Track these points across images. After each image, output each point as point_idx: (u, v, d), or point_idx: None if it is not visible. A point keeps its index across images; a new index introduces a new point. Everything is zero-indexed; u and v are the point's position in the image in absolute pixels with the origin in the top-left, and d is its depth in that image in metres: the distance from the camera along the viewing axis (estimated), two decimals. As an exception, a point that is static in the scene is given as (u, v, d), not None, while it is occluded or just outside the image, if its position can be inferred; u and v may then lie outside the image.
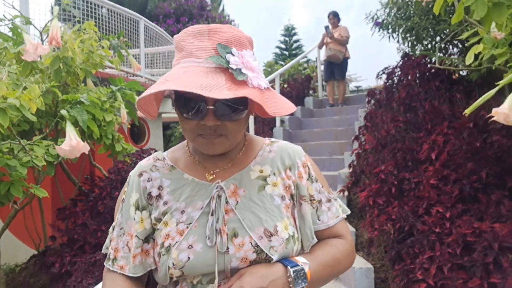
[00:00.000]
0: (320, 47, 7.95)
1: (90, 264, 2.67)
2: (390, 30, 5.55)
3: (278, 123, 6.33)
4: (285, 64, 9.04)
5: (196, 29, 0.89)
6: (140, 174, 1.01)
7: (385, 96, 4.69)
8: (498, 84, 1.68)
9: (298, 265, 0.89)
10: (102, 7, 6.47)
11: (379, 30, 5.70)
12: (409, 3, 5.19)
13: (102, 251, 1.04)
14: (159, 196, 0.98)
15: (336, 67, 7.46)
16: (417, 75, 4.47)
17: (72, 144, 2.33)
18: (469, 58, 2.26)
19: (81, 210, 3.39)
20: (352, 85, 12.67)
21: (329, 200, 1.01)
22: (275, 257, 0.88)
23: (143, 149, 3.84)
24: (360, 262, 2.94)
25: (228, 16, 15.15)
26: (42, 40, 3.36)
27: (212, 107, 0.86)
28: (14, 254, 4.59)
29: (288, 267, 0.88)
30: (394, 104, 4.21)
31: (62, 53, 3.07)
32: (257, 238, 0.88)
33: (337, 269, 0.98)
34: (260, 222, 0.90)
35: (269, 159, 1.00)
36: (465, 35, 2.53)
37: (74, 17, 5.66)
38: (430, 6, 4.61)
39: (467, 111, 2.00)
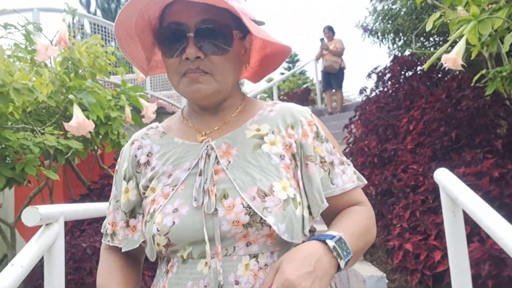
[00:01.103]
0: (317, 59, 8.31)
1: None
2: (380, 36, 5.89)
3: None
4: (287, 81, 9.44)
5: None
6: (132, 143, 0.96)
7: (375, 94, 4.97)
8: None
9: (334, 236, 0.77)
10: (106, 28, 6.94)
11: (368, 36, 6.03)
12: (393, 6, 5.53)
13: (101, 231, 0.99)
14: (147, 163, 0.92)
15: (333, 77, 7.79)
16: (402, 70, 4.76)
17: (78, 121, 2.63)
18: (428, 27, 2.54)
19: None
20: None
21: (342, 163, 0.89)
22: (269, 219, 0.78)
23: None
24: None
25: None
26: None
27: (192, 35, 0.81)
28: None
29: (327, 240, 0.76)
30: (382, 95, 4.48)
31: (70, 54, 3.41)
32: (249, 198, 0.80)
33: (369, 238, 0.86)
34: (253, 181, 0.82)
35: (269, 118, 0.90)
36: (430, 18, 2.82)
37: (83, 33, 6.10)
38: (412, 6, 4.94)
39: (425, 66, 2.28)
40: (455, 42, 2.10)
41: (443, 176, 1.42)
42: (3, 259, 5.56)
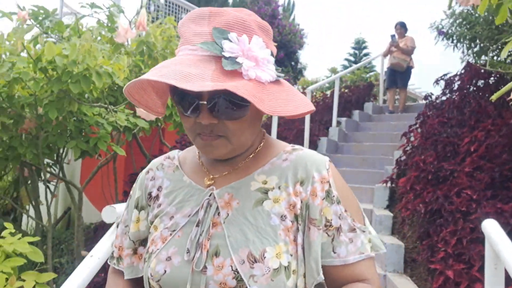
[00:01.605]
0: (385, 55, 8.08)
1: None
2: (454, 40, 5.65)
3: (334, 123, 6.58)
4: (350, 73, 9.28)
5: (197, 12, 0.81)
6: (147, 172, 0.96)
7: (440, 101, 4.82)
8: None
9: None
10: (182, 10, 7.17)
11: (442, 39, 5.80)
12: (472, 12, 5.27)
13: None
14: (156, 198, 0.91)
15: (399, 75, 7.57)
16: (474, 81, 4.57)
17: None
18: (503, 54, 2.45)
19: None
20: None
21: (353, 230, 0.81)
22: None
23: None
24: (393, 240, 3.17)
25: (298, 25, 15.58)
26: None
27: (205, 103, 0.76)
28: (88, 217, 5.27)
29: None
30: (446, 106, 4.35)
31: (146, 37, 3.62)
32: (239, 262, 0.76)
33: None
34: (246, 243, 0.78)
35: (280, 169, 0.85)
36: (506, 46, 2.70)
37: (157, 18, 6.37)
38: (490, 17, 4.70)
39: (493, 97, 2.24)
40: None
41: (490, 227, 1.44)
42: (67, 211, 6.10)
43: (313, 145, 5.95)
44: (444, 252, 2.43)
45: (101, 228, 3.87)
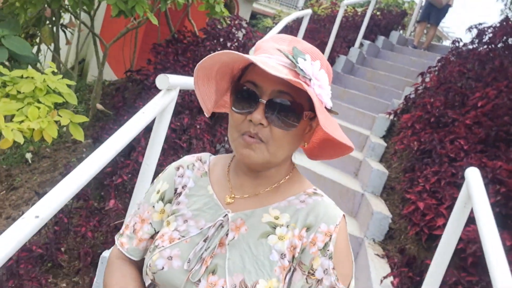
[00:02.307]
0: (426, -13, 7.75)
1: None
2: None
3: (357, 44, 6.57)
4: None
5: (279, 36, 0.90)
6: (178, 168, 1.01)
7: (466, 50, 4.85)
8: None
9: None
10: None
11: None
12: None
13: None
14: (179, 194, 0.97)
15: (435, 11, 7.36)
16: (505, 38, 4.56)
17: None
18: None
19: (173, 50, 4.05)
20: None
21: None
22: None
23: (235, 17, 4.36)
24: (379, 166, 3.49)
25: None
26: None
27: (264, 101, 0.82)
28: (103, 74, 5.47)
29: None
30: (470, 57, 4.41)
31: None
32: (231, 285, 0.82)
33: None
34: (242, 270, 0.83)
35: (294, 209, 0.89)
36: None
37: None
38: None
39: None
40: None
41: (472, 173, 1.69)
42: (81, 62, 6.27)
43: (331, 60, 6.02)
44: (421, 187, 2.75)
45: (123, 88, 4.09)
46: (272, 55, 0.84)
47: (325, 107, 0.84)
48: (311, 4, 8.41)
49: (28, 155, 3.49)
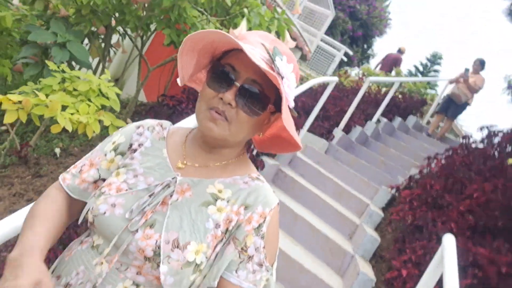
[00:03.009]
0: (451, 82, 8.17)
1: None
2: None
3: (375, 119, 6.93)
4: (412, 82, 9.44)
5: (264, 33, 0.99)
6: (138, 127, 1.06)
7: (474, 147, 5.15)
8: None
9: None
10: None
11: (508, 94, 5.99)
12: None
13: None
14: (134, 150, 1.02)
15: (453, 106, 7.76)
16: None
17: (241, 32, 3.27)
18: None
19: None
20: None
21: (260, 265, 0.92)
22: (162, 268, 0.86)
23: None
24: (373, 233, 3.70)
25: (389, 13, 15.36)
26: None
27: (238, 85, 0.90)
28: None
29: None
30: (476, 152, 4.70)
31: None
32: (165, 240, 0.87)
33: None
34: (178, 229, 0.89)
35: (237, 188, 0.96)
36: None
37: None
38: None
39: (510, 161, 2.64)
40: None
41: (448, 239, 1.92)
42: (117, 80, 6.70)
43: (347, 129, 6.36)
44: (407, 257, 2.95)
45: (153, 111, 4.43)
46: (255, 47, 0.91)
47: (288, 106, 0.92)
48: (339, 74, 8.91)
49: (57, 150, 3.78)
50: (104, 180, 1.02)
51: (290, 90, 0.91)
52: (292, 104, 0.93)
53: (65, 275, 0.96)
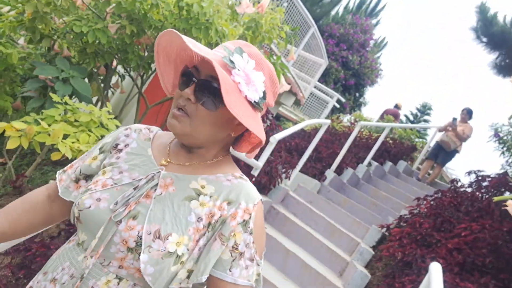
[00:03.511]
0: (440, 130, 8.38)
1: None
2: (505, 148, 6.05)
3: (366, 162, 7.08)
4: (402, 129, 9.70)
5: (244, 42, 0.99)
6: (126, 129, 1.10)
7: (463, 190, 5.27)
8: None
9: None
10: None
11: (495, 142, 6.20)
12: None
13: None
14: (119, 150, 1.05)
15: (443, 153, 7.94)
16: (499, 189, 4.99)
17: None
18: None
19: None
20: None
21: (251, 260, 0.95)
22: (143, 257, 0.88)
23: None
24: (364, 270, 3.72)
25: (380, 64, 15.95)
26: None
27: (195, 80, 0.93)
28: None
29: None
30: (464, 195, 4.81)
31: (259, 18, 4.24)
32: (147, 232, 0.90)
33: None
34: (160, 221, 0.91)
35: (220, 184, 0.99)
36: None
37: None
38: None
39: (495, 198, 2.76)
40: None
41: (435, 267, 1.99)
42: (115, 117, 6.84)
43: (339, 171, 6.48)
44: (398, 289, 2.98)
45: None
46: (219, 49, 0.95)
47: (249, 101, 0.92)
48: (332, 119, 9.16)
49: (52, 182, 3.85)
50: (85, 176, 1.07)
51: (248, 85, 0.91)
52: (252, 97, 0.93)
53: (51, 271, 1.00)
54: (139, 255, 0.89)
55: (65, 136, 2.60)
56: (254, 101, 0.93)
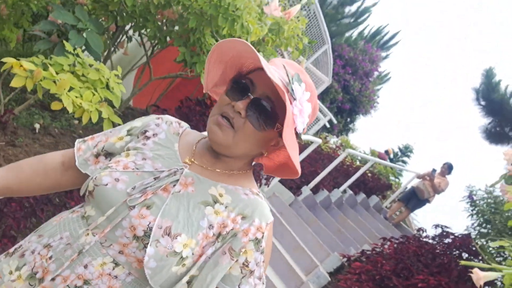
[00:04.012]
0: (417, 177, 8.56)
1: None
2: (474, 211, 6.25)
3: (342, 188, 7.16)
4: (383, 166, 9.89)
5: (291, 62, 1.01)
6: (158, 118, 1.10)
7: (425, 241, 5.40)
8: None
9: None
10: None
11: (467, 203, 6.39)
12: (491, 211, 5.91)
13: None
14: (147, 137, 1.05)
15: (415, 199, 8.11)
16: (461, 249, 5.14)
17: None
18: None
19: (200, 110, 4.55)
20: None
21: (260, 278, 0.97)
22: (149, 250, 0.87)
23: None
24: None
25: (378, 97, 16.15)
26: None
27: (251, 97, 0.93)
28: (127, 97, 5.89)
29: None
30: (428, 246, 4.93)
31: (282, 23, 4.24)
32: (158, 225, 0.89)
33: None
34: (174, 218, 0.90)
35: (237, 196, 0.98)
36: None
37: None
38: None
39: (462, 262, 2.81)
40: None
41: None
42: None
43: (315, 190, 6.54)
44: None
45: (143, 115, 4.48)
46: (278, 69, 0.94)
47: (296, 132, 0.93)
48: (319, 137, 9.24)
49: (37, 125, 3.75)
50: (106, 153, 1.06)
51: (300, 115, 0.92)
52: (300, 129, 0.94)
53: (48, 236, 0.98)
54: (144, 246, 0.88)
55: (70, 89, 2.54)
56: (299, 132, 0.94)
